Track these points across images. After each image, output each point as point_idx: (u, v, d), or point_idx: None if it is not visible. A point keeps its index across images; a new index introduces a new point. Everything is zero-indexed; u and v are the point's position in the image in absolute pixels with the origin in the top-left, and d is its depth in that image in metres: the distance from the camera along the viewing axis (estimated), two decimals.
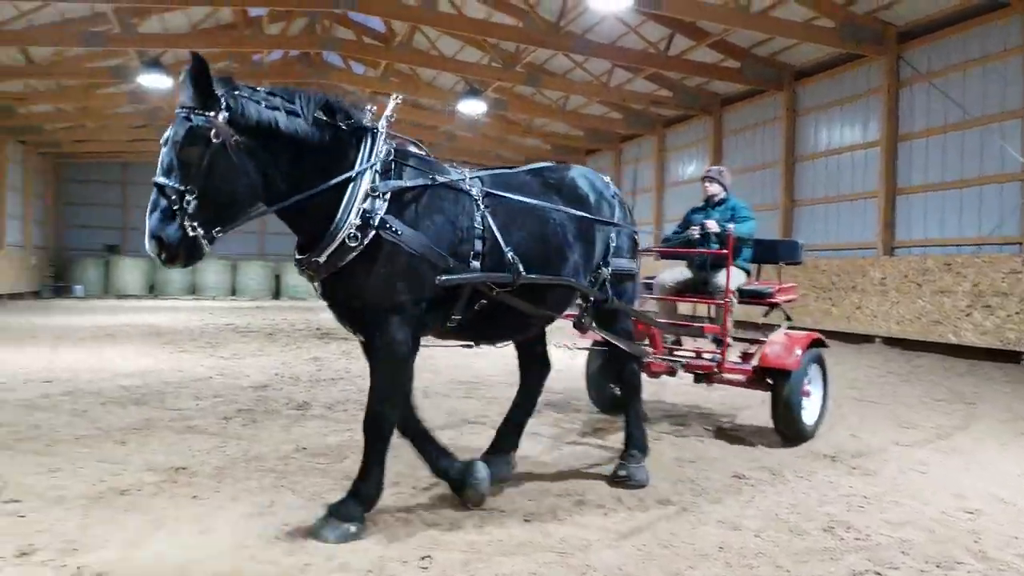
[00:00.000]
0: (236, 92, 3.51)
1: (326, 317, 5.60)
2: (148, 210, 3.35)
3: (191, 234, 3.35)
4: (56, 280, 27.98)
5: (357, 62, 21.39)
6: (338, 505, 3.81)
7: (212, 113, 3.37)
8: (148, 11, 16.68)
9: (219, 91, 3.43)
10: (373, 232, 3.60)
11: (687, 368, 6.23)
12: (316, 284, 3.84)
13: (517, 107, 21.32)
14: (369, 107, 3.94)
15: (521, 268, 3.99)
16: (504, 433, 4.88)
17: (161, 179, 3.34)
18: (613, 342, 4.92)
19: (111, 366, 9.42)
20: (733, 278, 6.16)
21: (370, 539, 3.77)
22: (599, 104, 21.33)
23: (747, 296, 6.46)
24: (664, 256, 7.43)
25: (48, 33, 16.72)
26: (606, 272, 4.68)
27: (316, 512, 3.95)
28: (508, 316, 4.17)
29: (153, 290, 28.30)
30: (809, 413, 5.98)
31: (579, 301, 4.69)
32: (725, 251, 6.05)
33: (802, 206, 16.99)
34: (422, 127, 25.29)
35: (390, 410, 3.84)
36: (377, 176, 3.70)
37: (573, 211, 4.45)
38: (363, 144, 3.78)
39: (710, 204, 6.74)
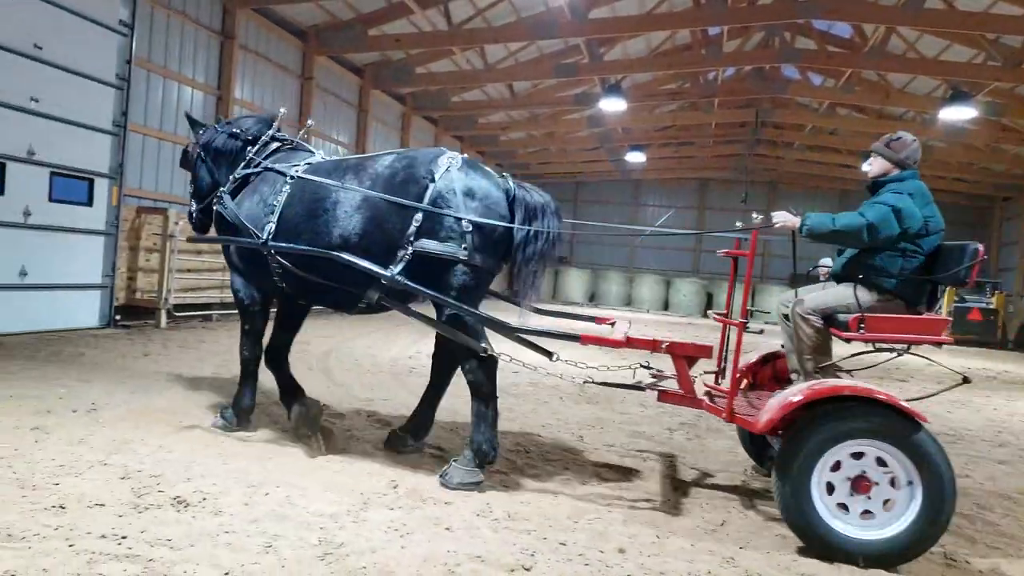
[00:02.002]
0: (213, 125, 5.59)
1: (759, 340, 5.13)
2: None
3: (191, 210, 5.65)
4: None
5: (816, 73, 20.15)
6: (223, 410, 5.20)
7: (192, 140, 5.64)
8: (615, 40, 17.85)
9: (203, 126, 5.65)
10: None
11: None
12: None
13: (1020, 111, 17.82)
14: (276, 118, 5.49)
15: (264, 236, 4.67)
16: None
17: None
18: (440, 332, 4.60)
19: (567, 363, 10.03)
20: (830, 295, 4.18)
21: None
22: None
23: (831, 325, 4.17)
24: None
25: (528, 68, 19.00)
26: (407, 252, 4.31)
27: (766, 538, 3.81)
28: (322, 286, 4.64)
29: (593, 299, 30.62)
30: (860, 522, 3.60)
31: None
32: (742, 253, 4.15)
33: None
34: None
35: (245, 342, 5.16)
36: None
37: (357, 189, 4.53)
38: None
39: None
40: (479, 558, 3.25)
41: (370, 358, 9.20)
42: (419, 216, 4.31)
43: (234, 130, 5.33)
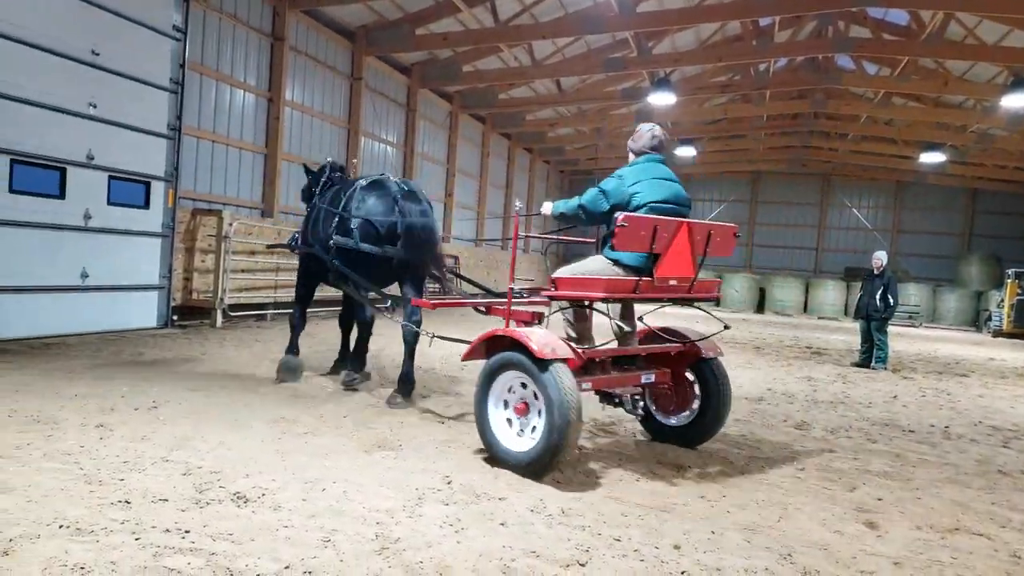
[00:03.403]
0: (318, 167, 7.63)
1: (816, 336, 5.08)
2: None
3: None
4: None
5: (871, 62, 19.61)
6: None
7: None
8: (664, 33, 17.62)
9: (311, 172, 7.59)
10: None
11: None
12: None
13: None
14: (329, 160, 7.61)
15: (291, 242, 7.47)
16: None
17: None
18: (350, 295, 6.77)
19: None
20: (576, 267, 4.92)
21: None
22: None
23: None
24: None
25: (576, 63, 18.88)
26: (332, 244, 6.38)
27: (824, 534, 3.59)
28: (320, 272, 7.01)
29: None
30: (518, 438, 4.48)
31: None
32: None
33: None
34: (947, 128, 22.18)
35: (295, 305, 7.36)
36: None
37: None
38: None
39: None
40: (534, 553, 3.24)
41: (422, 356, 9.23)
42: (335, 219, 6.40)
43: (315, 176, 7.48)
